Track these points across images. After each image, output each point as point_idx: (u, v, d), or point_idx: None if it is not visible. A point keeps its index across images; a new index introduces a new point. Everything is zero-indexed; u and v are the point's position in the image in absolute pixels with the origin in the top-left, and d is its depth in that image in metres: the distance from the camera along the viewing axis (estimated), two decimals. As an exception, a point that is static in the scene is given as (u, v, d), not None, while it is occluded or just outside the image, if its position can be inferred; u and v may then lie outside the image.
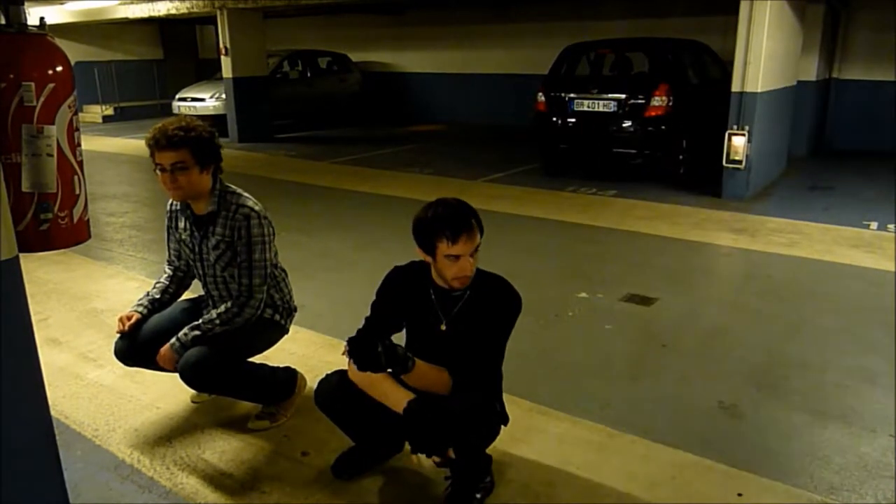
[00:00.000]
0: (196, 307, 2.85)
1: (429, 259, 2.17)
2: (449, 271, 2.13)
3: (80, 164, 2.11)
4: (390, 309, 2.31)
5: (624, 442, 2.70)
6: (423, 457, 2.07)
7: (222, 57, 11.40)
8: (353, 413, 2.31)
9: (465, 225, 2.08)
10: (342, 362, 2.39)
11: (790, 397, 3.08)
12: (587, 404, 2.99)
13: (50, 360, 3.39)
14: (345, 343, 2.06)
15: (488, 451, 2.35)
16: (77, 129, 2.09)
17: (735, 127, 6.68)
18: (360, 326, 2.30)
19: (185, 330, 2.58)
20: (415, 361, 2.09)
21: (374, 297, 2.34)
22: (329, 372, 2.36)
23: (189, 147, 2.51)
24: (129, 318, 2.70)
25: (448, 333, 2.23)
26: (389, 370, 2.10)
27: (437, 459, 2.07)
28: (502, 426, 2.32)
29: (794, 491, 2.40)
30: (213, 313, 2.62)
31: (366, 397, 2.20)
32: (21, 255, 1.60)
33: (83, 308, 4.18)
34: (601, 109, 7.69)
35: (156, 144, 2.49)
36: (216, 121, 11.66)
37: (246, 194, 2.71)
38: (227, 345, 2.60)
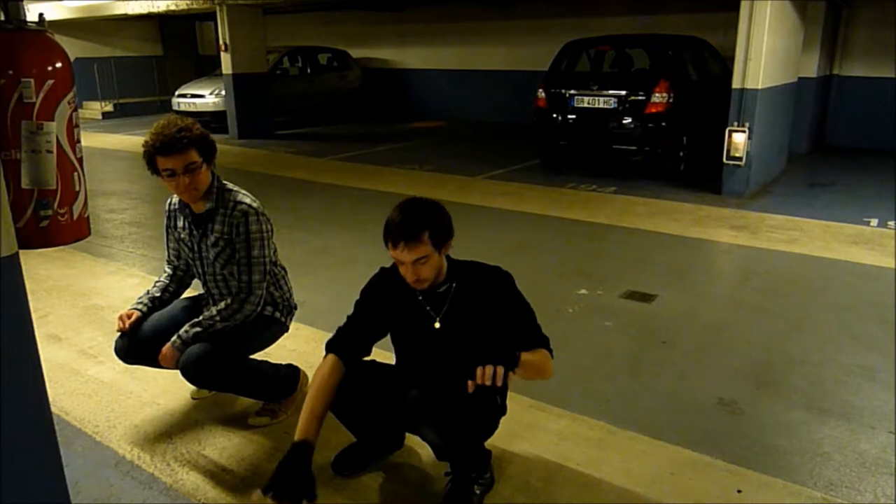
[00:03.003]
0: (196, 305, 2.85)
1: None
2: (401, 272, 2.15)
3: (80, 160, 2.11)
4: (375, 313, 2.29)
5: (623, 438, 2.70)
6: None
7: (222, 53, 11.38)
8: (347, 402, 2.31)
9: (405, 234, 2.04)
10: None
11: (789, 394, 3.08)
12: (587, 401, 2.99)
13: (50, 356, 3.40)
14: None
15: (488, 446, 2.36)
16: (77, 126, 2.09)
17: (735, 123, 6.68)
18: (342, 325, 2.30)
19: (186, 327, 2.58)
20: None
21: (358, 296, 2.33)
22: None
23: (196, 146, 2.50)
24: (128, 317, 2.70)
25: (443, 330, 2.23)
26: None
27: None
28: (501, 421, 2.32)
29: (793, 487, 2.40)
30: (213, 310, 2.62)
31: (361, 388, 2.23)
32: (21, 251, 1.60)
33: (83, 305, 4.18)
34: (601, 106, 7.69)
35: (163, 149, 2.46)
36: (216, 117, 11.71)
37: (243, 191, 2.70)
38: (227, 341, 2.60)
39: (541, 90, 8.15)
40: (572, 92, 7.88)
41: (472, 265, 2.28)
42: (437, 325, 2.23)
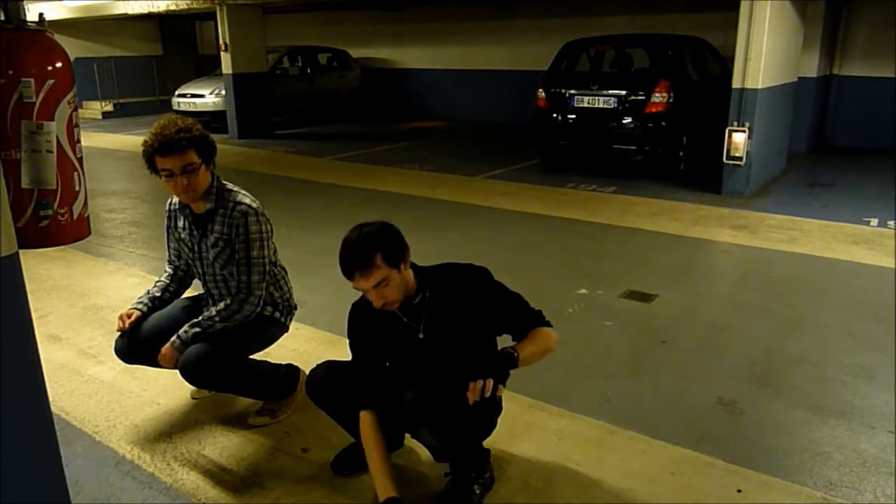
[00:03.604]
0: (196, 305, 2.85)
1: None
2: (368, 299, 2.15)
3: (80, 160, 2.11)
4: (369, 347, 2.31)
5: (623, 438, 2.70)
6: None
7: (222, 53, 11.38)
8: (340, 403, 2.32)
9: (357, 263, 2.06)
10: (341, 358, 2.40)
11: (789, 393, 3.08)
12: (587, 401, 2.99)
13: (50, 356, 3.40)
14: None
15: (488, 446, 2.36)
16: (77, 126, 2.09)
17: (735, 123, 6.68)
18: (353, 367, 2.31)
19: (186, 327, 2.58)
20: None
21: (348, 339, 2.34)
22: (320, 362, 2.38)
23: (194, 146, 2.50)
24: (128, 316, 2.70)
25: (427, 340, 2.23)
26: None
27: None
28: (501, 421, 2.33)
29: (793, 487, 2.40)
30: (213, 310, 2.62)
31: (353, 389, 2.25)
32: (21, 251, 1.60)
33: (83, 304, 4.18)
34: (601, 106, 7.68)
35: (160, 150, 2.46)
36: (216, 117, 11.70)
37: (243, 191, 2.70)
38: (227, 342, 2.60)
39: (541, 90, 8.14)
40: (572, 92, 7.87)
41: (444, 268, 2.27)
42: (421, 335, 2.23)
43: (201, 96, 12.15)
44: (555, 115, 8.00)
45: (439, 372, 2.19)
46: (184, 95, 12.34)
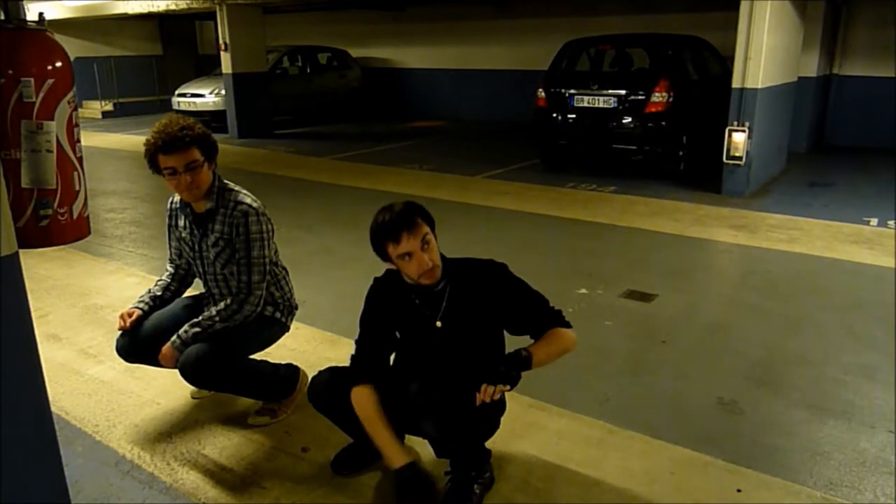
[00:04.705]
0: (197, 304, 2.85)
1: (393, 266, 2.19)
2: (411, 271, 2.14)
3: (80, 160, 2.11)
4: (383, 325, 2.31)
5: (623, 438, 2.70)
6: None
7: (222, 53, 11.39)
8: (343, 409, 2.32)
9: (403, 223, 2.08)
10: (342, 359, 2.40)
11: (789, 393, 3.08)
12: (587, 400, 2.99)
13: (50, 356, 3.40)
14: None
15: (488, 445, 2.37)
16: (76, 125, 2.09)
17: (735, 123, 6.68)
18: (354, 353, 2.30)
19: (186, 327, 2.58)
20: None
21: (362, 313, 2.34)
22: (322, 368, 2.38)
23: (197, 144, 2.51)
24: (129, 315, 2.71)
25: (444, 329, 2.24)
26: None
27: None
28: (501, 420, 2.33)
29: (792, 487, 2.40)
30: (213, 310, 2.62)
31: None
32: (21, 251, 1.60)
33: (83, 304, 4.18)
34: (601, 105, 7.68)
35: (164, 148, 2.47)
36: (216, 117, 11.70)
37: (244, 191, 2.70)
38: (227, 342, 2.60)
39: (541, 90, 8.14)
40: (572, 91, 7.87)
41: (465, 261, 2.30)
42: (438, 324, 2.23)
43: (201, 96, 12.15)
44: (555, 114, 8.00)
45: (453, 363, 2.19)
46: (184, 95, 12.34)
